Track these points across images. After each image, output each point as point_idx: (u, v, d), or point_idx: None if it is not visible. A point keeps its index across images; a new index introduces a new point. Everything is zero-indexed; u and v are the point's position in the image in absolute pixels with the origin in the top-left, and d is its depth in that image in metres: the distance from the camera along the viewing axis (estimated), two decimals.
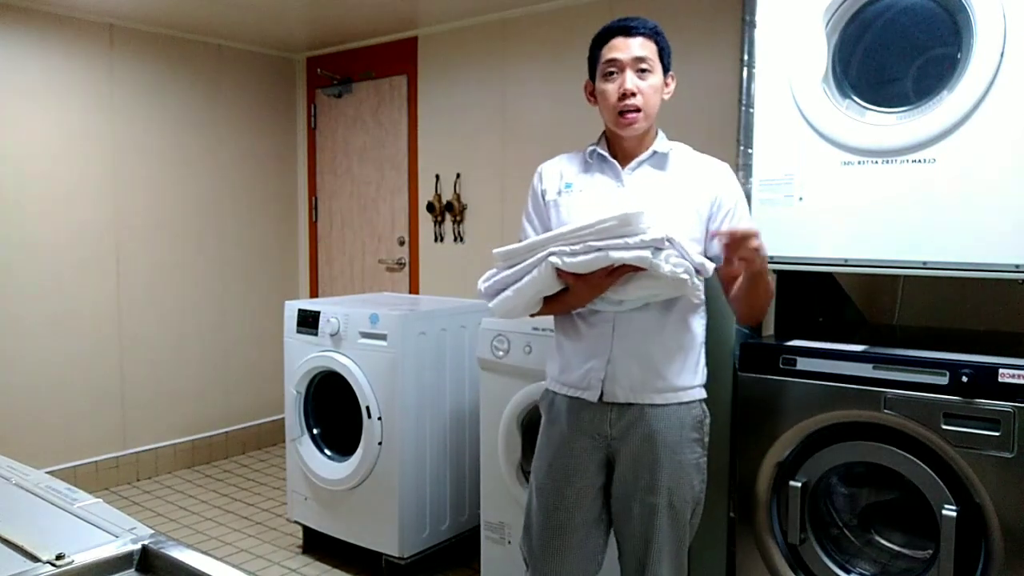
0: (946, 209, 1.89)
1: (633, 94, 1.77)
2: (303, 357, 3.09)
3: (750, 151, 2.40)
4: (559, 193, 1.88)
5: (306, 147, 4.74)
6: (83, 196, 3.82)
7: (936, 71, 1.91)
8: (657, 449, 1.79)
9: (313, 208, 4.72)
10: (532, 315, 1.85)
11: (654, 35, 1.82)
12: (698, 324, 1.87)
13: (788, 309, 2.47)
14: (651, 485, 1.80)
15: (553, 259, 1.66)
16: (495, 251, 1.77)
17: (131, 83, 3.98)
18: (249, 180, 4.52)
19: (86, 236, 3.84)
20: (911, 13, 1.96)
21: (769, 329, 2.47)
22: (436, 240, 4.10)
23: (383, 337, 2.86)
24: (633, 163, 1.85)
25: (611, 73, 1.80)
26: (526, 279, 1.72)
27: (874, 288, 2.62)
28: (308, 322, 3.09)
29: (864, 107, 2.02)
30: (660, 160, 1.86)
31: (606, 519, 1.90)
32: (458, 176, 3.99)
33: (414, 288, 4.22)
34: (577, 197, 1.86)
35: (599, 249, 1.61)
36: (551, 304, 1.80)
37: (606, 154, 1.87)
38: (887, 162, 1.96)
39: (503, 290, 1.77)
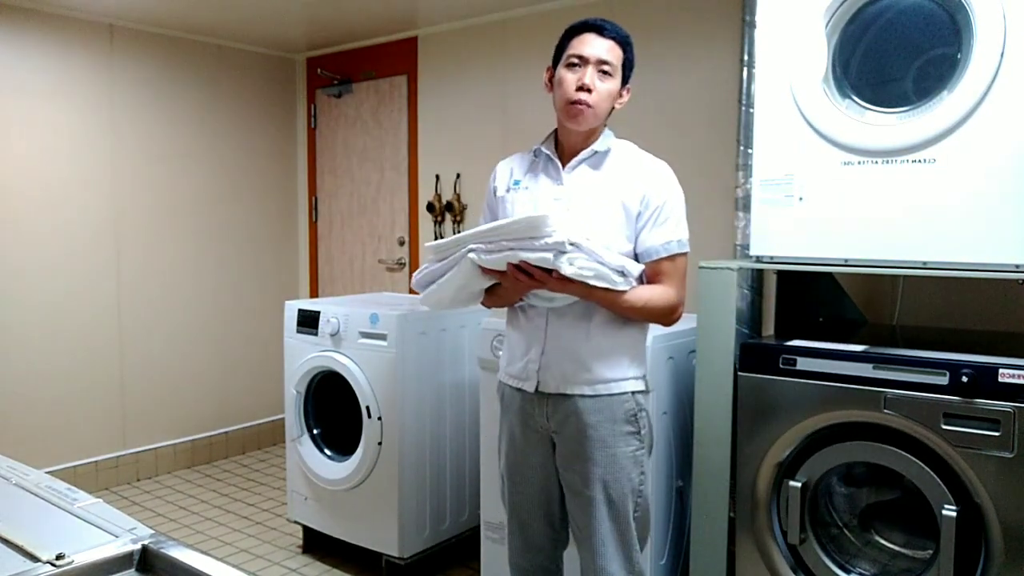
0: (946, 209, 1.89)
1: (589, 90, 1.84)
2: (303, 357, 3.09)
3: (750, 151, 2.40)
4: (508, 190, 2.01)
5: (306, 147, 4.74)
6: (83, 196, 3.82)
7: (936, 71, 1.91)
8: (590, 443, 1.86)
9: (313, 208, 4.72)
10: (485, 305, 1.99)
11: (624, 44, 1.89)
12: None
13: (788, 309, 2.47)
14: (585, 479, 1.87)
15: (472, 255, 1.79)
16: (426, 245, 1.92)
17: (131, 83, 3.98)
18: (249, 180, 4.52)
19: (86, 236, 3.84)
20: (911, 13, 1.96)
21: (769, 329, 2.47)
22: (436, 240, 4.09)
23: (383, 337, 2.86)
24: (573, 162, 1.94)
25: (574, 65, 1.87)
26: (449, 274, 1.85)
27: (874, 288, 2.62)
28: (308, 322, 3.09)
29: (864, 107, 2.02)
30: (598, 159, 1.93)
31: (563, 499, 1.99)
32: (458, 176, 3.99)
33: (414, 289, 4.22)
34: (522, 194, 1.98)
35: (510, 248, 1.73)
36: (492, 298, 1.94)
37: (551, 153, 1.97)
38: (887, 162, 1.96)
39: (433, 282, 1.90)
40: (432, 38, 4.07)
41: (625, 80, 1.91)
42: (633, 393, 1.89)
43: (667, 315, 1.89)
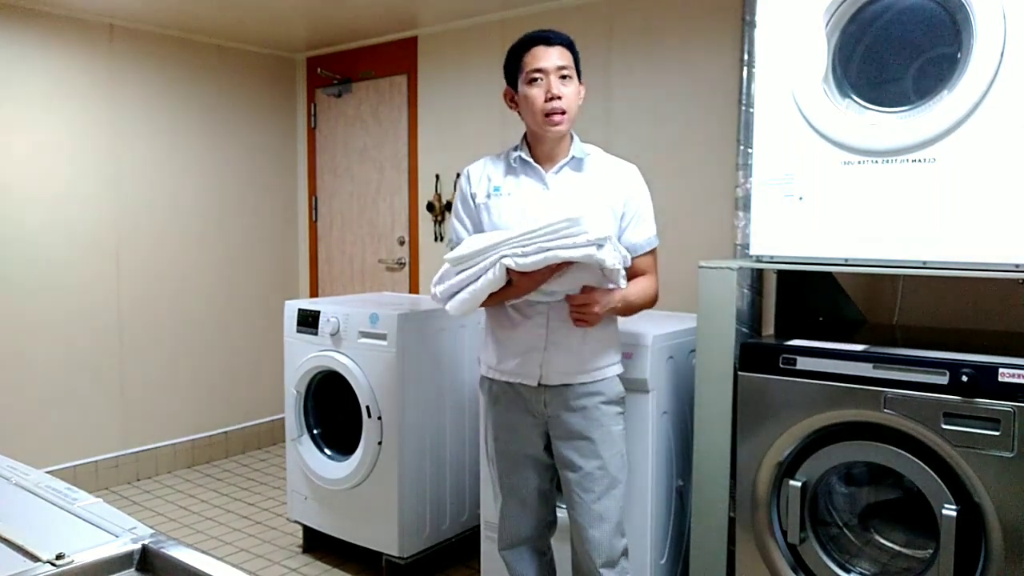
0: (946, 209, 1.89)
1: (559, 98, 1.95)
2: (303, 357, 3.09)
3: (750, 151, 2.40)
4: (488, 196, 2.06)
5: (306, 147, 4.74)
6: (83, 196, 3.82)
7: (936, 71, 1.91)
8: (588, 424, 2.00)
9: (313, 208, 4.73)
10: (481, 306, 2.02)
11: (570, 46, 2.01)
12: None
13: (788, 309, 2.47)
14: (585, 456, 2.01)
15: (506, 260, 1.84)
16: (446, 256, 1.95)
17: (131, 83, 3.98)
18: (249, 180, 4.52)
19: (86, 236, 3.84)
20: (911, 13, 1.96)
21: (769, 329, 2.47)
22: (436, 240, 4.10)
23: (383, 337, 2.86)
24: (556, 167, 2.03)
25: (536, 79, 1.96)
26: (481, 281, 1.89)
27: (874, 288, 2.62)
28: (308, 322, 3.09)
29: (864, 107, 2.02)
30: (578, 163, 2.04)
31: (554, 477, 2.14)
32: (458, 176, 3.98)
33: (414, 288, 4.22)
34: (506, 200, 2.03)
35: (549, 249, 1.81)
36: (495, 296, 1.96)
37: (529, 159, 2.04)
38: (887, 162, 1.96)
39: (457, 292, 1.95)
40: (432, 38, 4.07)
41: (579, 77, 2.03)
42: (618, 376, 2.08)
43: (652, 303, 2.10)
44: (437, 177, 4.06)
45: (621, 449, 2.06)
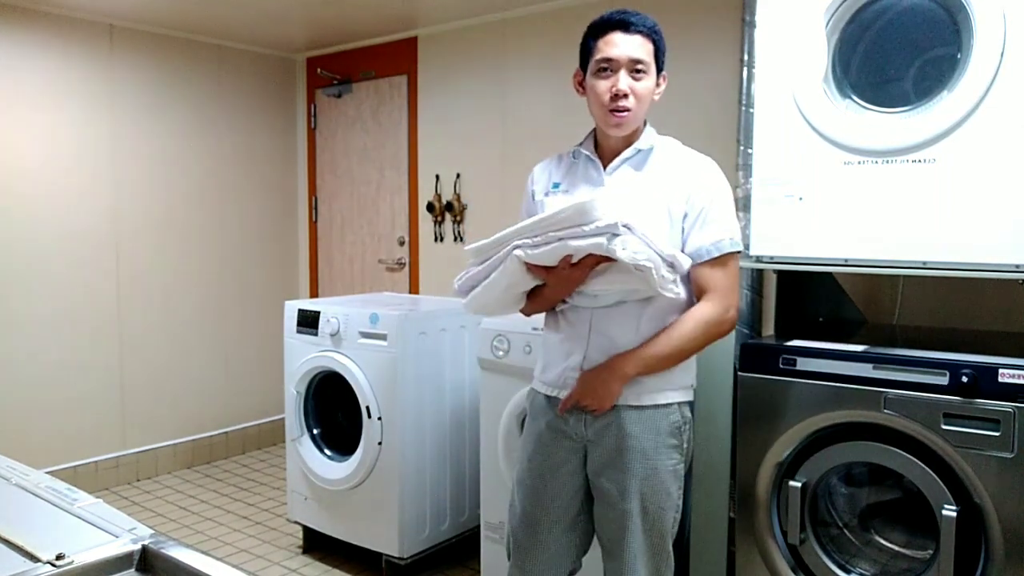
0: (946, 209, 1.89)
1: (626, 95, 1.73)
2: (303, 357, 3.09)
3: (750, 151, 2.40)
4: (546, 193, 1.88)
5: (306, 147, 4.74)
6: (83, 196, 3.82)
7: (936, 71, 1.91)
8: (630, 454, 1.73)
9: (313, 208, 4.73)
10: (524, 312, 1.86)
11: (652, 34, 1.77)
12: None
13: (788, 309, 2.47)
14: (623, 491, 1.74)
15: (517, 252, 1.67)
16: (466, 248, 1.80)
17: (131, 83, 3.98)
18: (249, 180, 4.52)
19: (86, 236, 3.84)
20: (911, 13, 1.96)
21: (769, 329, 2.47)
22: (436, 240, 4.10)
23: (383, 337, 2.86)
24: (615, 162, 1.82)
25: (605, 70, 1.75)
26: (494, 274, 1.74)
27: (874, 288, 2.62)
28: (308, 322, 3.09)
29: (864, 107, 2.02)
30: (641, 158, 1.82)
31: (585, 518, 1.85)
32: (458, 176, 3.99)
33: (414, 288, 4.22)
34: (561, 197, 1.84)
35: (559, 239, 1.62)
36: (535, 301, 1.81)
37: (590, 154, 1.85)
38: (887, 162, 1.96)
39: (476, 286, 1.79)
40: (432, 38, 4.07)
41: (660, 68, 1.80)
42: (679, 404, 1.78)
43: (720, 328, 1.74)
44: (437, 177, 4.06)
45: (669, 488, 1.74)
